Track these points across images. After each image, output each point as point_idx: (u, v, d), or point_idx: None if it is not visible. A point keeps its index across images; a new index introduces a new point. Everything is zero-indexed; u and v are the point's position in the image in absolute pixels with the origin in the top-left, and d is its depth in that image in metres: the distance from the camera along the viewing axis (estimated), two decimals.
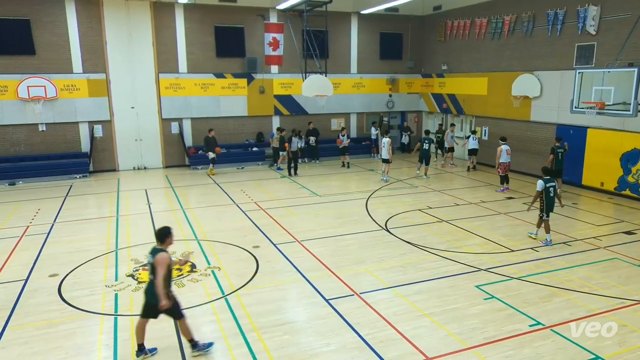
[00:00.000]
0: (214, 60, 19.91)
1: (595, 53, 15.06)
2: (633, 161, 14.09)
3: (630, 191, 14.24)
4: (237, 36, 20.07)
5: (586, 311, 7.39)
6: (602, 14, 14.77)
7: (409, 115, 24.35)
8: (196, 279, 8.66)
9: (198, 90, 19.80)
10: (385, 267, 9.18)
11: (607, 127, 14.71)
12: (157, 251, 6.12)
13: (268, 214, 12.89)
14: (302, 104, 21.53)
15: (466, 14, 20.38)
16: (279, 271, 9.05)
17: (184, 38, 19.30)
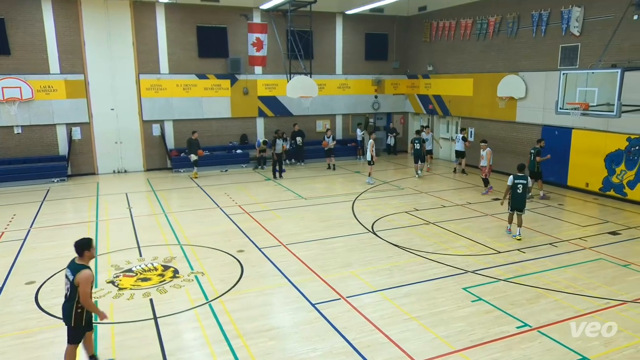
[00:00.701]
0: (196, 61, 19.80)
1: (579, 54, 15.34)
2: (617, 162, 14.38)
3: (615, 192, 14.52)
4: (219, 36, 20.00)
5: (573, 312, 7.50)
6: (586, 15, 15.06)
7: (394, 116, 24.49)
8: (179, 285, 8.58)
9: (180, 92, 19.67)
10: (372, 270, 9.21)
11: (591, 128, 14.98)
12: (78, 268, 5.60)
13: (252, 218, 12.84)
14: (286, 105, 21.52)
15: (451, 15, 20.60)
16: (264, 275, 9.02)
17: (165, 38, 19.16)
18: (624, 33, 13.49)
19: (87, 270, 5.61)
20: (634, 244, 10.75)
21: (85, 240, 5.72)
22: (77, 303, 5.63)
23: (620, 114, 12.11)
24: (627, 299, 7.97)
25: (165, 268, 9.37)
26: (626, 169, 14.14)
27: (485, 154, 15.25)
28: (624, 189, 14.27)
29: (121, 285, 8.57)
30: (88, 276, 5.56)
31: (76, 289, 5.58)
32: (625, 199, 14.18)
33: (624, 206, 13.83)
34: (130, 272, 9.20)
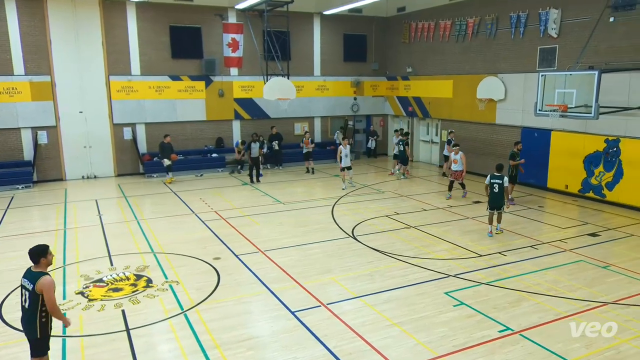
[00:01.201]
0: (170, 62, 19.61)
1: (557, 56, 15.73)
2: (595, 163, 14.76)
3: (594, 193, 14.89)
4: (193, 36, 19.86)
5: (554, 315, 7.65)
6: (563, 17, 15.46)
7: (374, 118, 24.66)
8: (152, 295, 8.46)
9: (152, 94, 19.44)
10: (352, 276, 9.23)
11: (570, 129, 15.35)
12: (37, 275, 5.44)
13: (229, 224, 12.75)
14: (263, 107, 21.47)
15: (430, 16, 20.89)
16: (242, 283, 8.96)
17: (136, 38, 18.92)
18: (601, 35, 13.89)
19: (47, 276, 5.51)
20: (613, 245, 11.04)
21: (41, 247, 5.61)
22: (40, 312, 5.51)
23: (598, 116, 12.46)
24: (607, 300, 8.17)
25: (137, 277, 9.23)
26: (604, 171, 14.53)
27: (460, 158, 15.04)
28: (602, 190, 14.65)
29: (91, 296, 8.40)
30: (50, 282, 5.46)
31: (38, 297, 5.46)
32: (604, 201, 14.56)
33: (603, 207, 14.20)
34: (101, 282, 9.03)
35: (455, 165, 15.20)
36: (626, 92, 13.60)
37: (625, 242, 11.21)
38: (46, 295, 5.42)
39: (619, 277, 9.17)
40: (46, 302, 5.44)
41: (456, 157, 15.10)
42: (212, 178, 19.17)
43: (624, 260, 10.00)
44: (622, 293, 8.43)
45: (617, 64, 13.77)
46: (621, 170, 14.03)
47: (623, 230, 12.10)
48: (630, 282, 8.92)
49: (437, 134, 21.70)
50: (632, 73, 13.45)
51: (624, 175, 13.99)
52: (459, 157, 15.04)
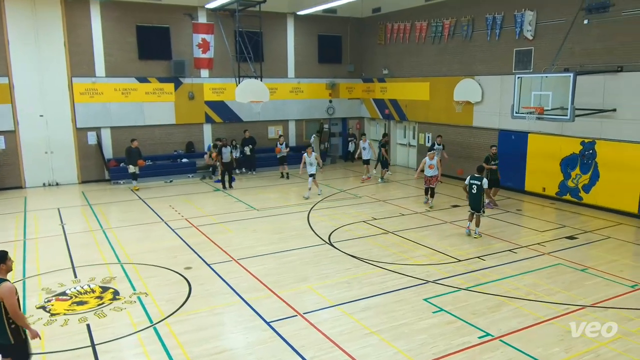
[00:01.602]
0: (137, 63, 19.36)
1: (532, 58, 16.12)
2: (572, 166, 15.15)
3: (571, 195, 15.28)
4: (162, 37, 19.66)
5: (533, 319, 7.81)
6: (538, 19, 15.86)
7: (350, 121, 24.81)
8: (120, 308, 8.29)
9: (118, 96, 19.14)
10: (329, 284, 9.24)
11: (546, 132, 15.74)
12: None
13: (201, 231, 12.63)
14: (236, 110, 21.37)
15: (406, 17, 21.17)
16: (214, 294, 8.87)
17: (101, 38, 18.62)
18: (575, 37, 14.30)
19: (7, 282, 5.47)
20: (590, 248, 11.34)
21: (0, 253, 5.58)
22: (7, 319, 5.47)
23: (574, 118, 12.81)
24: (586, 303, 8.38)
25: (103, 289, 9.05)
26: (581, 173, 14.93)
27: (436, 163, 14.87)
28: (579, 192, 15.05)
29: (53, 311, 8.19)
30: (11, 287, 5.43)
31: (0, 305, 5.40)
32: (581, 203, 14.95)
33: (580, 210, 14.58)
34: (64, 295, 8.82)
35: (430, 171, 14.82)
36: (601, 95, 14.02)
37: (602, 245, 11.53)
38: (7, 302, 5.37)
39: (597, 279, 9.42)
40: (8, 308, 5.39)
41: (432, 162, 14.76)
42: (183, 184, 18.96)
43: (601, 263, 10.28)
44: (600, 296, 8.66)
45: (592, 67, 14.21)
46: (597, 173, 14.44)
47: (600, 232, 12.44)
48: (608, 284, 9.18)
49: (414, 137, 21.95)
50: (606, 75, 13.88)
51: (600, 178, 14.40)
52: (435, 161, 14.82)
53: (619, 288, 9.00)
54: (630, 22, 13.33)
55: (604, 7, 13.61)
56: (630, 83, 13.42)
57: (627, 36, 13.43)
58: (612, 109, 13.77)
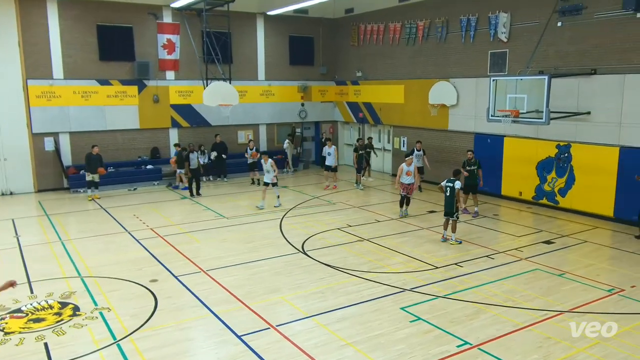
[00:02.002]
0: (97, 65, 19.04)
1: (507, 60, 16.50)
2: (548, 169, 15.53)
3: (547, 200, 15.64)
4: (124, 37, 19.38)
5: (512, 326, 7.94)
6: (513, 21, 16.26)
7: (323, 125, 24.88)
8: (80, 324, 8.10)
9: (78, 100, 18.77)
10: (303, 295, 9.22)
11: (522, 135, 16.10)
12: None
13: (167, 242, 12.47)
14: (203, 114, 21.20)
15: (379, 18, 21.42)
16: (182, 307, 8.76)
17: (58, 38, 18.25)
18: (549, 39, 14.71)
19: None
20: (567, 252, 11.63)
21: None
22: None
23: (549, 121, 13.14)
24: (563, 309, 8.57)
25: (62, 305, 8.82)
26: (557, 177, 15.31)
27: (413, 169, 14.64)
28: (555, 196, 15.42)
29: (8, 329, 7.93)
30: None
31: None
32: (558, 207, 15.32)
33: (557, 214, 14.94)
34: (19, 312, 8.56)
35: (408, 178, 14.48)
36: (575, 97, 14.44)
37: (579, 249, 11.84)
38: None
39: (574, 284, 9.65)
40: None
41: (409, 168, 14.47)
42: (147, 192, 18.69)
43: (578, 267, 10.54)
44: (578, 301, 8.87)
45: (566, 69, 14.63)
46: (573, 176, 14.84)
47: (576, 236, 12.77)
48: (585, 289, 9.41)
49: (389, 141, 22.15)
50: (579, 78, 14.31)
51: (575, 181, 14.80)
52: (412, 168, 14.56)
53: (596, 293, 9.24)
54: (602, 25, 13.79)
55: (576, 9, 14.08)
56: (603, 86, 13.86)
57: (600, 39, 13.88)
58: (587, 112, 14.18)
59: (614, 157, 13.65)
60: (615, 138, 13.74)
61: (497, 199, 16.95)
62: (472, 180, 14.78)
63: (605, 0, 13.61)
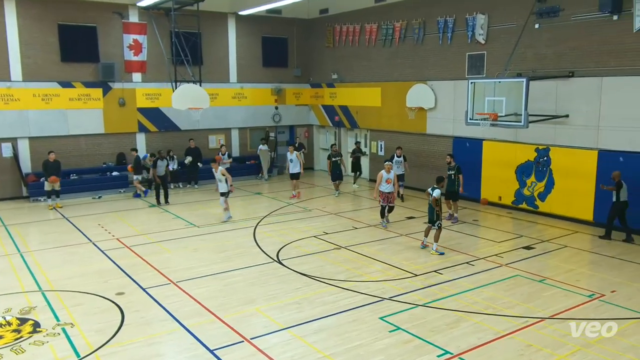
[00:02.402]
0: (59, 66, 18.73)
1: (485, 63, 16.80)
2: (527, 173, 15.83)
3: (527, 204, 15.93)
4: (88, 37, 19.13)
5: (493, 334, 8.05)
6: (490, 22, 16.58)
7: (298, 129, 24.90)
8: (41, 341, 7.91)
9: (38, 103, 18.42)
10: (278, 305, 9.19)
11: (501, 139, 16.39)
12: None
13: (134, 252, 12.31)
14: (172, 118, 21.01)
15: (355, 19, 21.58)
16: (151, 321, 8.64)
17: (17, 38, 17.90)
18: (527, 42, 15.04)
19: None
20: (548, 257, 11.86)
21: None
22: None
23: (527, 124, 13.42)
24: (544, 315, 8.73)
25: (22, 322, 8.61)
26: (536, 181, 15.62)
27: (393, 177, 14.31)
28: (535, 201, 15.73)
29: None
30: None
31: None
32: (537, 212, 15.62)
33: (537, 219, 15.23)
34: None
35: (388, 186, 14.19)
36: (553, 100, 14.78)
37: (559, 254, 12.08)
38: None
39: (555, 290, 9.84)
40: None
41: (389, 175, 14.22)
42: (113, 200, 18.41)
43: (559, 273, 10.76)
44: (559, 307, 9.04)
45: (544, 72, 14.96)
46: (552, 180, 15.16)
47: (556, 241, 13.03)
48: (566, 295, 9.60)
49: (366, 145, 22.28)
50: (558, 81, 14.65)
51: (555, 185, 15.12)
52: (392, 175, 14.30)
53: (576, 298, 9.43)
54: (579, 27, 14.17)
55: (554, 11, 14.45)
56: (581, 89, 14.22)
57: (577, 41, 14.25)
58: (565, 115, 14.52)
59: (593, 160, 13.98)
60: (593, 141, 14.09)
61: (476, 204, 17.18)
62: (451, 186, 14.84)
63: (582, 3, 13.99)
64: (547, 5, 14.59)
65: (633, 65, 13.17)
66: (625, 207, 12.83)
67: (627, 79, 13.28)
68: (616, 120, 13.56)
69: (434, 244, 12.15)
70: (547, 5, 14.59)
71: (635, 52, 13.11)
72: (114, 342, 7.90)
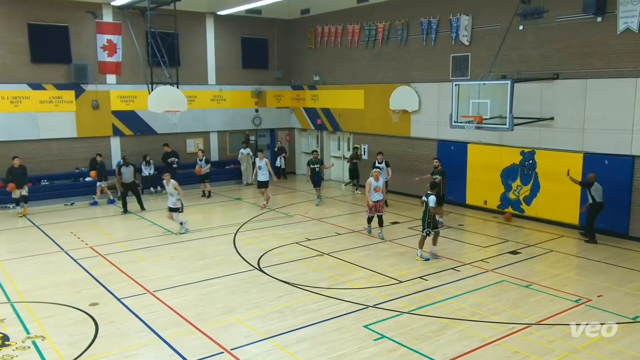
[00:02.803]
0: (29, 67, 18.49)
1: (469, 64, 16.99)
2: (513, 177, 16.03)
3: (512, 208, 16.12)
4: (59, 37, 18.90)
5: (479, 341, 8.11)
6: (474, 24, 16.78)
7: (279, 133, 24.88)
8: (10, 356, 7.78)
9: (6, 106, 18.15)
10: (260, 315, 9.16)
11: (486, 142, 16.57)
12: None
13: (109, 261, 12.19)
14: (148, 121, 20.84)
15: (337, 19, 21.67)
16: (127, 332, 8.55)
17: None
18: (512, 43, 15.26)
19: None
20: (534, 262, 12.01)
21: None
22: None
23: (513, 127, 13.59)
24: (531, 321, 8.83)
25: None
26: (522, 184, 15.81)
27: (381, 185, 14.00)
28: (521, 205, 15.92)
29: None
30: None
31: None
32: (523, 216, 15.81)
33: (522, 223, 15.42)
34: None
35: (376, 195, 13.80)
36: (538, 102, 15.00)
37: (546, 259, 12.25)
38: None
39: (541, 295, 9.97)
40: None
41: (378, 183, 13.83)
42: (86, 207, 18.22)
43: (545, 278, 10.90)
44: (545, 312, 9.16)
45: (529, 74, 15.18)
46: (538, 184, 15.37)
47: (543, 246, 13.21)
48: (552, 300, 9.73)
49: (349, 149, 22.35)
50: (542, 83, 14.88)
51: (540, 189, 15.33)
52: (380, 183, 13.92)
53: (563, 303, 9.56)
54: (564, 29, 14.42)
55: (538, 13, 14.68)
56: (566, 91, 14.46)
57: (562, 43, 14.50)
58: (550, 118, 14.75)
59: (578, 163, 14.21)
60: (579, 144, 14.33)
61: (461, 208, 17.33)
62: (443, 190, 14.90)
63: (566, 4, 14.24)
64: (531, 7, 14.82)
65: (617, 67, 13.44)
66: (600, 209, 13.16)
67: (611, 80, 13.55)
68: (601, 122, 13.80)
69: (433, 247, 12.20)
70: (531, 7, 14.82)
71: (619, 54, 13.39)
72: (88, 355, 7.80)
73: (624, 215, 13.58)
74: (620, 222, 13.64)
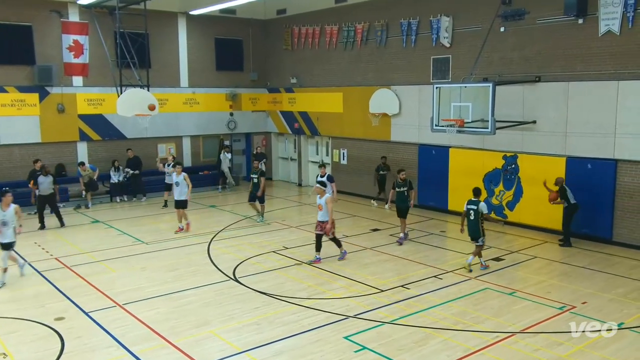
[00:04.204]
0: None
1: (450, 67, 17.19)
2: (495, 181, 16.23)
3: (495, 214, 16.28)
4: (22, 37, 18.66)
5: (463, 351, 8.18)
6: (455, 25, 17.00)
7: (255, 137, 24.83)
8: None
9: None
10: (235, 327, 9.12)
11: (468, 146, 16.75)
12: None
13: (75, 273, 12.02)
14: (117, 126, 20.63)
15: (314, 20, 21.75)
16: (95, 348, 8.44)
17: None
18: (493, 45, 15.49)
19: None
20: (517, 269, 12.16)
21: None
22: None
23: (494, 131, 13.77)
24: (515, 329, 8.93)
25: None
26: (504, 189, 16.02)
27: (325, 202, 12.35)
28: (504, 210, 16.12)
29: None
30: None
31: None
32: (506, 221, 15.99)
33: (505, 229, 15.59)
34: None
35: (320, 213, 12.49)
36: (520, 106, 15.24)
37: (529, 265, 12.42)
38: None
39: (525, 303, 10.09)
40: None
41: (321, 201, 12.46)
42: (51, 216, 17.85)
43: (529, 285, 11.05)
44: (529, 320, 9.27)
45: (511, 76, 15.42)
46: (520, 188, 15.58)
47: (526, 252, 13.39)
48: (536, 307, 9.86)
49: (327, 154, 22.40)
50: (524, 85, 15.13)
51: (523, 194, 15.55)
52: (323, 201, 12.42)
53: (547, 311, 9.69)
54: (545, 31, 14.69)
55: (519, 14, 14.93)
56: (548, 94, 14.72)
57: (543, 45, 14.78)
58: (532, 121, 14.99)
59: (561, 167, 14.45)
60: (561, 148, 14.59)
61: (443, 214, 17.47)
62: (402, 202, 14.24)
63: (547, 6, 14.52)
64: (512, 8, 15.05)
65: (599, 69, 13.73)
66: (575, 210, 13.52)
67: (593, 83, 13.84)
68: (583, 126, 14.08)
69: (480, 259, 12.06)
70: (512, 8, 15.05)
71: (601, 57, 13.69)
72: None
73: (607, 220, 13.85)
74: (603, 227, 13.91)
